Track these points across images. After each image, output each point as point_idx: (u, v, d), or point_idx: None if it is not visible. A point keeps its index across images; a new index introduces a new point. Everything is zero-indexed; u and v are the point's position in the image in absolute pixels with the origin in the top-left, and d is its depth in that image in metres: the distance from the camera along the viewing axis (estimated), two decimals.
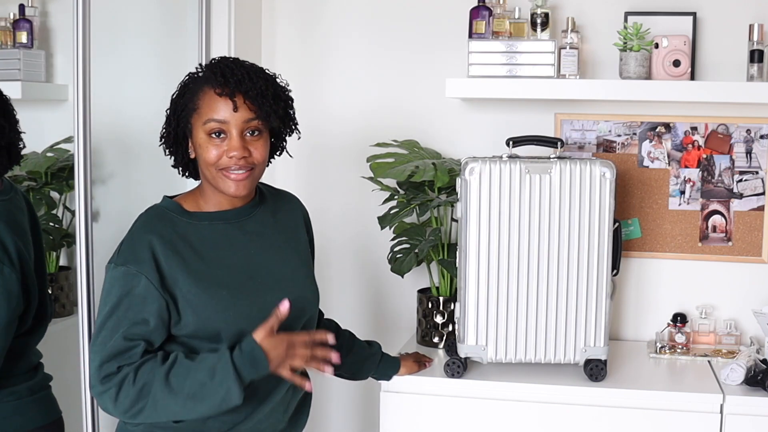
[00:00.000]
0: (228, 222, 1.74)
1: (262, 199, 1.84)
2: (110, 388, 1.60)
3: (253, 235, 1.75)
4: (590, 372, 2.17)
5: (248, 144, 1.67)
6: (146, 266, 1.62)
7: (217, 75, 1.66)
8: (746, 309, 2.51)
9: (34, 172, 2.69)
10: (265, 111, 1.66)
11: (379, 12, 2.70)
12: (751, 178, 2.53)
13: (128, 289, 1.62)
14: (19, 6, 2.69)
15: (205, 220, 1.73)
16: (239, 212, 1.76)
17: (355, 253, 2.79)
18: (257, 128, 1.68)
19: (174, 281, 1.64)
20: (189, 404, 1.59)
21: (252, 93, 1.65)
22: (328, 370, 1.70)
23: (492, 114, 2.63)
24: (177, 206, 1.73)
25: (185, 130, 1.71)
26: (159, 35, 2.73)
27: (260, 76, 1.68)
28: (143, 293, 1.61)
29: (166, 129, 1.74)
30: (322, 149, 2.76)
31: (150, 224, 1.69)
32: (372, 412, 2.51)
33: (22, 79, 2.64)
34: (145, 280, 1.61)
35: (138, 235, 1.67)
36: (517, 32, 2.44)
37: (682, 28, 2.48)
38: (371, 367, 2.14)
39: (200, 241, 1.69)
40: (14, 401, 1.85)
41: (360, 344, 2.13)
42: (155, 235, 1.66)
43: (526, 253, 2.13)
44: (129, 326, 1.61)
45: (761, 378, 2.12)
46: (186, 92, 1.70)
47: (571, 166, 2.11)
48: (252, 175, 1.70)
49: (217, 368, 1.59)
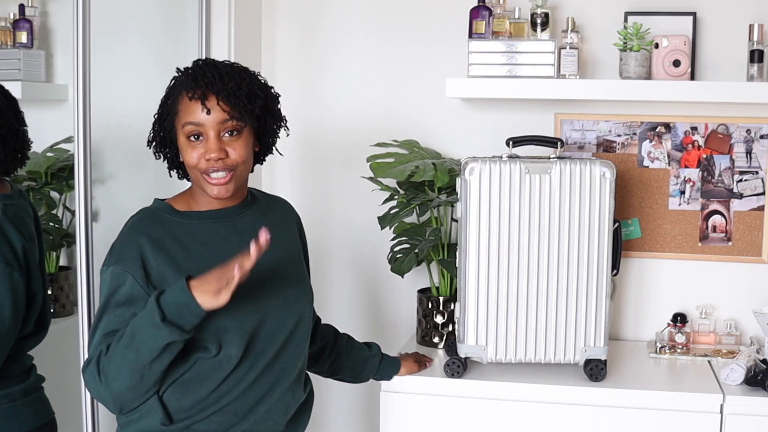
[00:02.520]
0: (219, 221, 1.74)
1: (253, 200, 1.84)
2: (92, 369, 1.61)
3: (244, 234, 1.74)
4: (590, 372, 2.17)
5: (226, 145, 1.67)
6: (132, 264, 1.63)
7: (189, 78, 1.67)
8: (746, 309, 2.51)
9: (34, 172, 2.69)
10: (238, 111, 1.66)
11: (379, 12, 2.70)
12: (751, 178, 2.53)
13: (115, 288, 1.63)
14: (19, 6, 2.69)
15: (196, 218, 1.73)
16: (230, 212, 1.76)
17: (355, 253, 2.79)
18: (234, 128, 1.67)
19: (162, 278, 1.63)
20: (132, 347, 1.56)
21: (224, 94, 1.65)
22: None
23: (492, 114, 2.63)
24: (168, 207, 1.74)
25: (171, 134, 1.72)
26: (159, 35, 2.73)
27: (233, 76, 1.68)
28: (129, 291, 1.62)
29: (153, 133, 1.75)
30: (322, 149, 2.76)
31: (139, 225, 1.70)
32: (372, 412, 2.51)
33: (22, 79, 2.64)
34: (131, 278, 1.62)
35: (127, 236, 1.69)
36: (517, 32, 2.44)
37: (682, 28, 2.48)
38: (372, 369, 2.14)
39: (191, 239, 1.70)
40: (8, 403, 1.85)
41: (359, 347, 2.13)
42: (144, 236, 1.66)
43: (526, 252, 2.13)
44: (117, 323, 1.62)
45: (761, 378, 2.12)
46: (170, 96, 1.72)
47: (571, 166, 2.11)
48: (234, 176, 1.69)
49: (146, 311, 1.56)
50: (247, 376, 1.70)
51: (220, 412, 1.69)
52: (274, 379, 1.74)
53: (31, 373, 1.96)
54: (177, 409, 1.67)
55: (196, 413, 1.68)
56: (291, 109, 1.98)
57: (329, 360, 2.08)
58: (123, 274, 1.63)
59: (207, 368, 1.67)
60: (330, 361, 2.08)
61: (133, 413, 1.67)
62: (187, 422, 1.67)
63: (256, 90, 1.70)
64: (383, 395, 2.22)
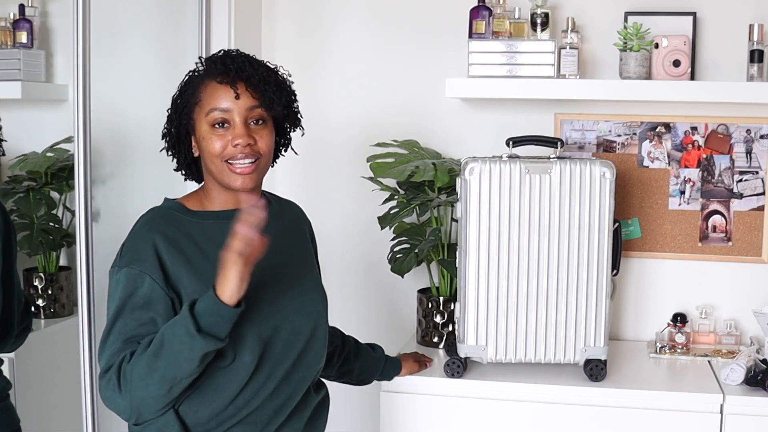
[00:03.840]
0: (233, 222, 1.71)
1: (267, 202, 1.81)
2: (111, 378, 1.54)
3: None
4: (590, 372, 2.17)
5: (253, 132, 1.64)
6: (149, 265, 1.57)
7: (217, 64, 1.64)
8: (746, 309, 2.51)
9: (34, 172, 2.69)
10: (268, 98, 1.63)
11: (380, 12, 2.70)
12: (751, 178, 2.53)
13: (132, 290, 1.57)
14: (19, 6, 2.69)
15: (210, 218, 1.68)
16: None
17: (355, 253, 2.79)
18: (261, 117, 1.65)
19: (178, 280, 1.59)
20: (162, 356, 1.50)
21: (254, 79, 1.63)
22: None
23: (492, 114, 2.63)
24: (180, 206, 1.69)
25: (188, 126, 1.67)
26: (159, 35, 2.73)
27: (261, 64, 1.67)
28: (148, 293, 1.57)
29: (168, 127, 1.71)
30: (323, 149, 2.76)
31: (153, 223, 1.64)
32: (372, 412, 2.50)
33: (22, 79, 2.64)
34: (149, 279, 1.57)
35: (140, 235, 1.63)
36: (517, 32, 2.44)
37: (682, 28, 2.48)
38: (377, 372, 2.14)
39: (205, 240, 1.64)
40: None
41: (365, 350, 2.11)
42: (158, 234, 1.61)
43: (526, 252, 2.13)
44: (135, 327, 1.56)
45: (761, 378, 2.12)
46: (187, 88, 1.67)
47: (571, 166, 2.11)
48: (258, 167, 1.65)
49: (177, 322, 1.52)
50: (266, 386, 1.65)
51: (241, 424, 1.64)
52: (293, 388, 1.70)
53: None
54: (194, 423, 1.62)
55: (215, 426, 1.63)
56: None
57: (338, 364, 2.05)
58: (141, 275, 1.57)
59: (222, 378, 1.61)
60: (338, 365, 2.05)
61: (147, 427, 1.61)
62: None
63: (281, 82, 1.69)
64: (383, 395, 2.22)
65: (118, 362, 1.55)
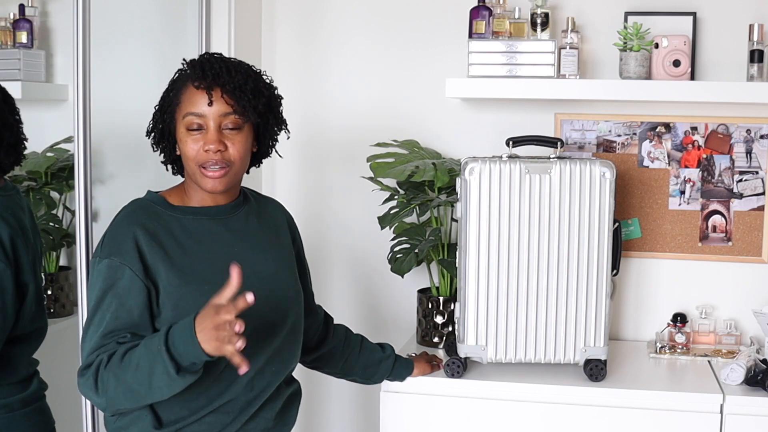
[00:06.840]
0: (212, 218, 1.73)
1: (246, 200, 1.83)
2: (89, 378, 1.58)
3: (237, 232, 1.74)
4: (590, 372, 2.17)
5: (225, 138, 1.66)
6: (129, 257, 1.61)
7: (196, 69, 1.67)
8: (746, 309, 2.51)
9: (34, 172, 2.69)
10: (242, 105, 1.65)
11: (379, 12, 2.70)
12: (751, 178, 2.53)
13: (112, 282, 1.60)
14: (19, 6, 2.69)
15: (190, 214, 1.72)
16: (223, 209, 1.75)
17: (355, 253, 2.79)
18: (235, 123, 1.67)
19: (156, 273, 1.63)
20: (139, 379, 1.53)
21: (229, 87, 1.65)
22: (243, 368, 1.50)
23: (492, 114, 2.63)
24: (161, 199, 1.73)
25: (170, 126, 1.71)
26: (159, 35, 2.73)
27: (240, 71, 1.68)
28: (128, 285, 1.60)
29: (153, 124, 1.75)
30: (322, 149, 2.76)
31: (133, 216, 1.68)
32: (372, 412, 2.50)
33: (22, 79, 2.64)
34: (129, 271, 1.60)
35: (121, 226, 1.66)
36: (517, 32, 2.44)
37: (682, 28, 2.48)
38: (386, 371, 2.13)
39: (184, 234, 1.69)
40: (5, 414, 1.81)
41: (372, 348, 2.12)
42: (138, 226, 1.65)
43: (526, 252, 2.13)
44: (112, 321, 1.59)
45: (761, 378, 2.12)
46: (173, 88, 1.71)
47: (571, 166, 2.11)
48: (229, 173, 1.68)
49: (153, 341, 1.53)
50: (240, 379, 1.68)
51: (214, 413, 1.68)
52: (266, 382, 1.74)
53: (33, 381, 1.90)
54: (168, 413, 1.66)
55: (188, 415, 1.67)
56: (291, 109, 1.98)
57: (341, 361, 2.06)
58: (121, 267, 1.60)
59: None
60: (342, 361, 2.06)
61: (121, 419, 1.67)
62: (180, 425, 1.67)
63: (261, 88, 1.70)
64: (383, 395, 2.22)
65: (96, 364, 1.58)
